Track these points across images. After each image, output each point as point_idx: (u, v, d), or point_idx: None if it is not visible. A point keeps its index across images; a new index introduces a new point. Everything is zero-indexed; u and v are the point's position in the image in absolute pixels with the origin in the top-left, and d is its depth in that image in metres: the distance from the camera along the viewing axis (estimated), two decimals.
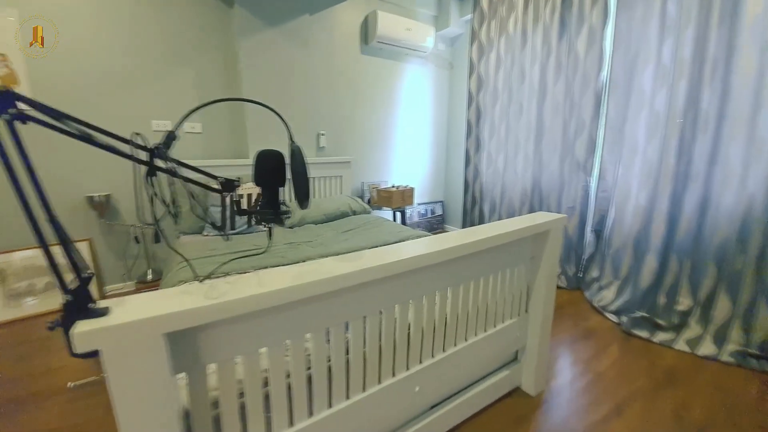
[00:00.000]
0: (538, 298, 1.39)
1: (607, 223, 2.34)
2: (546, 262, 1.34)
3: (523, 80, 2.78)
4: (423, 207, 3.86)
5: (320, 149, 3.06)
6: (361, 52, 3.13)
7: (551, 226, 1.30)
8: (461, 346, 1.20)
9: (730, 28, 1.66)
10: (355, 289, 0.87)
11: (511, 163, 2.94)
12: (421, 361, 1.11)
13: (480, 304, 1.23)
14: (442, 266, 1.05)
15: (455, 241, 1.05)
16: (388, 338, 1.00)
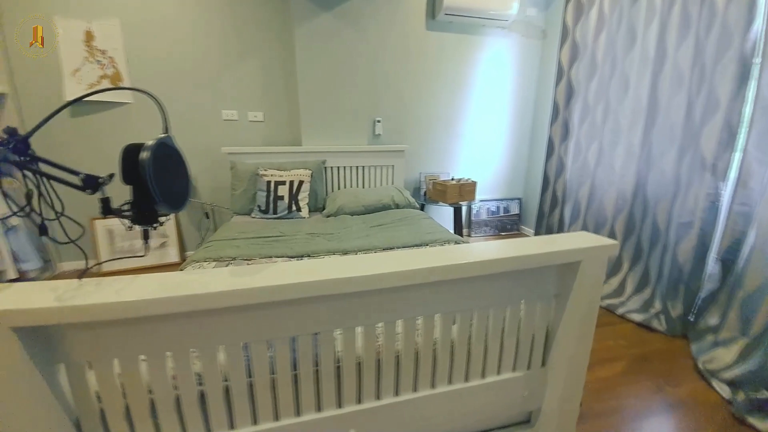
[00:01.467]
0: (563, 351, 1.01)
1: (742, 251, 1.58)
2: (576, 304, 0.95)
3: (633, 45, 2.06)
4: (494, 203, 3.37)
5: (375, 137, 2.93)
6: (427, 28, 2.82)
7: (584, 256, 0.89)
8: (423, 393, 0.95)
9: None
10: (244, 309, 0.74)
11: (607, 155, 2.26)
12: (360, 401, 0.92)
13: (457, 343, 0.94)
14: (403, 290, 0.82)
15: (424, 261, 0.79)
16: (305, 366, 0.84)
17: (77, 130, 2.37)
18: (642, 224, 2.06)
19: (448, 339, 0.93)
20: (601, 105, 2.29)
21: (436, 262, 0.80)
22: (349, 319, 0.82)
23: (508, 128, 3.25)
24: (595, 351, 1.57)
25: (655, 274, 1.95)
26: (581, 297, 0.94)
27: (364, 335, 0.85)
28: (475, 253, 0.86)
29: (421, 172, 3.08)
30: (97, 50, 2.28)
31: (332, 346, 0.83)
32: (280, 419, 0.86)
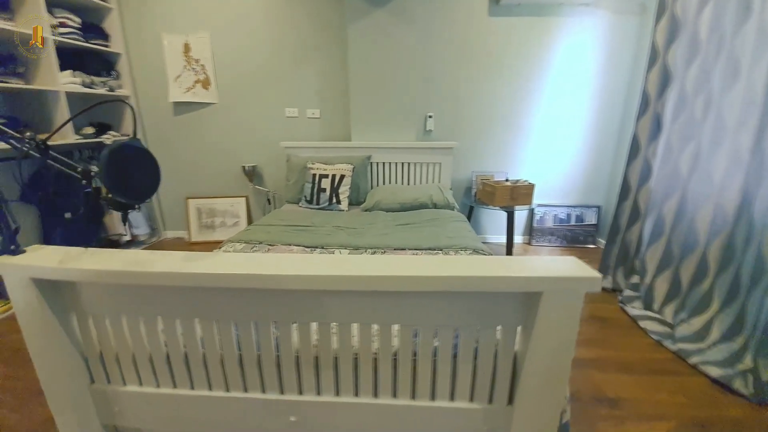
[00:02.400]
0: (529, 390, 0.86)
1: None
2: (541, 339, 0.80)
3: (748, 17, 1.54)
4: (564, 210, 2.95)
5: (426, 133, 2.85)
6: (490, 14, 2.58)
7: (544, 287, 0.74)
8: (364, 400, 0.93)
9: None
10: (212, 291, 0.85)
11: (704, 161, 1.76)
12: (301, 392, 0.95)
13: (400, 357, 0.89)
14: (349, 295, 0.82)
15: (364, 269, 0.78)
16: (248, 349, 0.91)
17: (179, 125, 2.91)
18: (744, 254, 1.56)
19: (389, 349, 0.89)
20: (701, 96, 1.79)
21: (370, 271, 0.77)
22: (299, 313, 0.85)
23: (590, 124, 2.78)
24: (640, 402, 1.31)
25: (752, 321, 1.46)
26: (547, 332, 0.79)
27: (298, 332, 0.88)
28: (425, 267, 0.80)
29: (473, 171, 2.88)
30: (192, 59, 2.74)
31: (283, 334, 0.89)
32: (229, 391, 0.96)
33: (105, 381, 1.01)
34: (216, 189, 3.05)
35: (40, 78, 2.19)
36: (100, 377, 1.00)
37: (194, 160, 3.00)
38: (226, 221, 3.03)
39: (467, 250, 1.62)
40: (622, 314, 1.98)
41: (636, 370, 1.55)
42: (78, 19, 2.39)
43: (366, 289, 0.79)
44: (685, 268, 1.83)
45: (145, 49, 2.74)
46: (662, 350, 1.67)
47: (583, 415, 1.31)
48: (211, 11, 2.66)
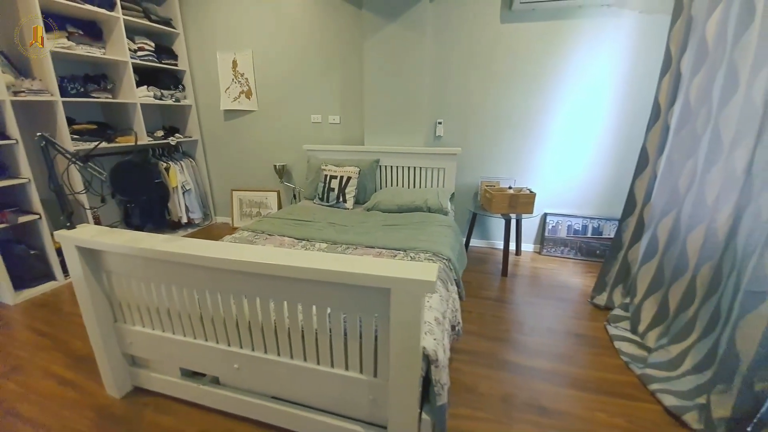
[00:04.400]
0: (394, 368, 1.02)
1: None
2: (394, 330, 0.96)
3: (751, 21, 1.39)
4: (580, 221, 2.82)
5: (436, 138, 2.96)
6: (502, 21, 2.58)
7: (391, 285, 0.91)
8: (283, 359, 1.18)
9: None
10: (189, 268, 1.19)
11: (700, 180, 1.63)
12: (242, 346, 1.24)
13: (305, 330, 1.12)
14: (267, 277, 1.08)
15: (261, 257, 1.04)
16: (205, 309, 1.23)
17: (228, 129, 3.46)
18: (727, 282, 1.44)
19: (297, 322, 1.12)
20: (704, 108, 1.64)
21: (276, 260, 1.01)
22: (244, 288, 1.14)
23: (611, 133, 2.62)
24: (572, 417, 1.40)
25: (722, 354, 1.36)
26: (397, 325, 0.95)
27: (231, 303, 1.17)
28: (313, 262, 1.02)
29: (481, 177, 2.91)
30: (239, 73, 3.24)
31: (234, 304, 1.19)
32: (196, 338, 1.30)
33: (123, 321, 1.42)
34: (255, 183, 3.55)
35: (123, 93, 2.84)
36: (120, 318, 1.42)
37: (239, 158, 3.53)
38: (261, 211, 3.51)
39: (427, 253, 1.76)
40: (604, 333, 1.91)
41: (588, 388, 1.54)
42: (152, 43, 3.01)
43: (277, 275, 1.03)
44: (674, 292, 1.71)
45: (204, 66, 3.31)
46: (627, 373, 1.62)
47: (506, 416, 1.39)
48: (252, 31, 3.11)
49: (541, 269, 2.70)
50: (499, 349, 1.78)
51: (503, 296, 2.32)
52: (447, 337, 1.32)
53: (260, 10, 3.04)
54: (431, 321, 1.17)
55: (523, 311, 2.14)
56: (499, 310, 2.14)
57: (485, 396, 1.49)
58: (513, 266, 2.73)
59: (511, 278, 2.55)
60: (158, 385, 1.47)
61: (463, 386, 1.53)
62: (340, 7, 2.86)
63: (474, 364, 1.67)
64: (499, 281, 2.51)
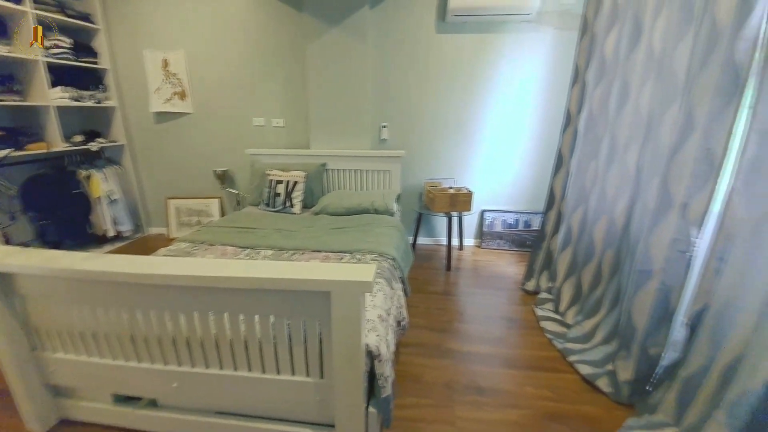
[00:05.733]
0: (338, 368, 1.07)
1: (704, 320, 1.22)
2: (336, 330, 1.01)
3: (637, 42, 1.66)
4: (513, 216, 3.09)
5: (381, 142, 3.05)
6: (437, 32, 2.75)
7: (332, 288, 0.96)
8: (227, 372, 1.17)
9: None
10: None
11: (602, 178, 1.90)
12: (180, 363, 1.20)
13: (249, 339, 1.13)
14: (191, 290, 1.06)
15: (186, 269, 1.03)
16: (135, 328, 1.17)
17: (160, 133, 3.23)
18: (625, 264, 1.70)
19: (239, 333, 1.12)
20: (603, 116, 1.91)
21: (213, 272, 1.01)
22: (171, 304, 1.10)
23: (535, 135, 2.91)
24: (505, 393, 1.51)
25: (622, 325, 1.61)
26: (339, 326, 1.00)
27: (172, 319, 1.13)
28: (245, 270, 1.03)
29: (426, 179, 3.06)
30: (170, 73, 3.04)
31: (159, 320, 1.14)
32: (128, 360, 1.23)
33: (42, 349, 1.29)
34: (193, 190, 3.36)
35: (34, 94, 2.53)
36: (39, 346, 1.29)
37: (174, 164, 3.31)
38: (201, 220, 3.33)
39: (373, 254, 1.83)
40: (532, 315, 2.13)
41: (518, 366, 1.72)
42: (69, 40, 2.72)
43: (214, 287, 1.02)
44: (585, 275, 1.97)
45: (129, 65, 3.06)
46: (551, 349, 1.84)
47: (448, 399, 1.51)
48: (185, 29, 2.94)
49: (481, 261, 2.92)
50: (444, 339, 1.91)
51: (447, 289, 2.47)
52: (392, 332, 1.40)
53: (193, 8, 2.89)
54: (374, 318, 1.24)
55: (464, 302, 2.31)
56: (444, 302, 2.29)
57: (430, 384, 1.60)
58: (456, 261, 2.92)
59: (455, 272, 2.73)
60: (88, 415, 1.36)
61: (410, 377, 1.63)
62: (280, 9, 2.83)
63: (420, 356, 1.78)
64: (444, 275, 2.67)
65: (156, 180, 3.36)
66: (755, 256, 1.08)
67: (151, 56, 3.01)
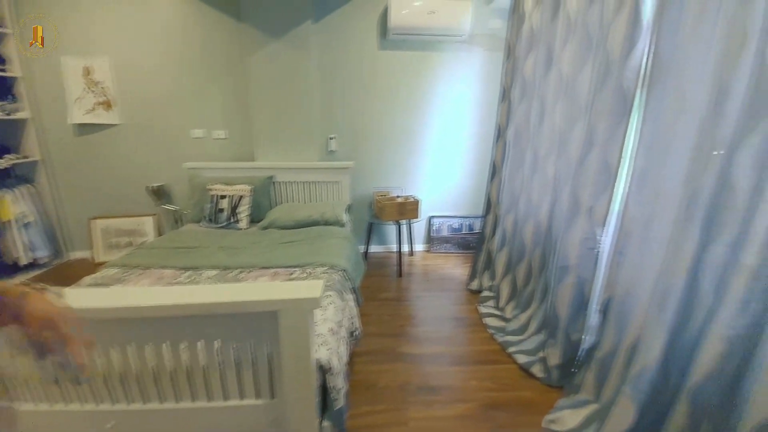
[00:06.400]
0: (289, 386, 1.08)
1: (611, 306, 1.43)
2: (286, 348, 1.03)
3: (550, 67, 1.90)
4: (458, 221, 3.30)
5: (330, 153, 3.08)
6: (380, 48, 2.87)
7: (279, 307, 0.98)
8: (169, 405, 1.12)
9: None
10: None
11: (528, 185, 2.12)
12: (114, 402, 1.12)
13: (193, 371, 1.09)
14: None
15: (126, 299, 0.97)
16: None
17: (82, 146, 2.94)
18: (549, 261, 1.91)
19: (181, 363, 1.08)
20: (526, 131, 2.15)
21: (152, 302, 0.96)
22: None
23: (472, 145, 3.15)
24: (454, 389, 1.59)
25: (549, 316, 1.81)
26: (288, 344, 1.02)
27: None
28: (187, 296, 1.00)
29: (374, 188, 3.15)
30: (93, 82, 2.79)
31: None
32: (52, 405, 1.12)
33: None
34: (124, 208, 3.09)
35: None
36: None
37: (99, 181, 3.02)
38: (133, 241, 3.07)
39: (324, 266, 1.85)
40: (476, 313, 2.30)
41: (464, 362, 1.85)
42: None
43: (149, 316, 0.98)
44: (519, 272, 2.18)
45: (44, 73, 2.75)
46: (492, 343, 2.00)
47: (402, 402, 1.58)
48: (111, 37, 2.73)
49: (430, 266, 3.06)
50: (396, 344, 1.98)
51: (399, 295, 2.57)
52: (344, 343, 1.44)
53: (118, 13, 2.69)
54: (325, 332, 1.27)
55: (415, 306, 2.42)
56: (396, 308, 2.37)
57: (384, 389, 1.66)
58: (407, 266, 3.03)
59: (406, 278, 2.84)
60: None
61: (364, 385, 1.67)
62: (217, 18, 2.75)
63: (374, 363, 1.83)
64: (396, 282, 2.76)
65: (79, 199, 3.03)
66: (645, 250, 1.30)
67: (71, 63, 2.74)
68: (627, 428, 1.21)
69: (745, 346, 0.95)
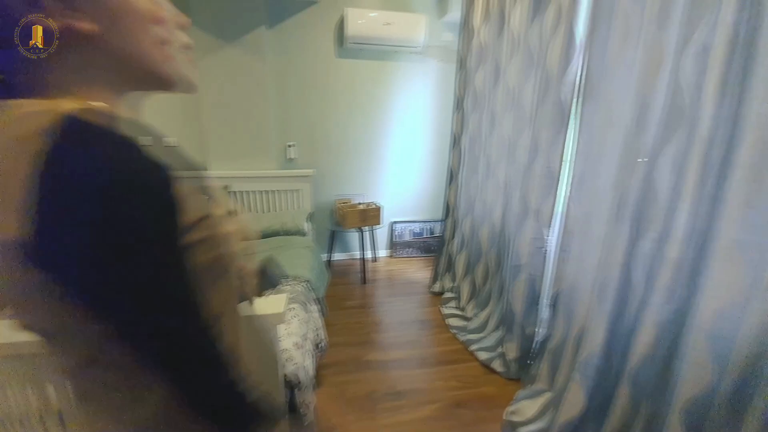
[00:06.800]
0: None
1: (559, 299, 1.55)
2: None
3: (498, 80, 2.03)
4: (419, 225, 3.38)
5: (289, 161, 3.02)
6: (337, 56, 2.88)
7: None
8: None
9: None
10: None
11: (482, 190, 2.24)
12: None
13: None
14: None
15: None
16: None
17: None
18: (504, 261, 2.03)
19: None
20: (479, 139, 2.27)
21: None
22: None
23: (430, 152, 3.25)
24: (420, 391, 1.60)
25: (506, 312, 1.92)
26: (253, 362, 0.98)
27: None
28: None
29: (337, 196, 3.13)
30: None
31: None
32: None
33: None
34: None
35: None
36: None
37: None
38: None
39: (286, 278, 1.80)
40: (439, 314, 2.37)
41: (429, 364, 1.90)
42: None
43: None
44: (477, 272, 2.28)
45: None
46: (455, 342, 2.07)
47: (371, 410, 1.58)
48: None
49: (394, 271, 3.10)
50: (363, 352, 1.98)
51: (364, 302, 2.57)
52: (310, 357, 1.41)
53: None
54: (290, 347, 1.24)
55: (380, 312, 2.43)
56: (361, 316, 2.37)
57: (352, 399, 1.64)
58: (371, 273, 3.04)
59: (370, 284, 2.84)
60: None
61: (333, 396, 1.65)
62: None
63: (342, 373, 1.81)
64: (360, 289, 2.76)
65: None
66: (586, 247, 1.43)
67: None
68: (578, 413, 1.31)
69: (673, 330, 1.08)
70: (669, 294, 1.08)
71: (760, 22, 0.82)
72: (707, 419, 0.94)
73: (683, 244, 1.04)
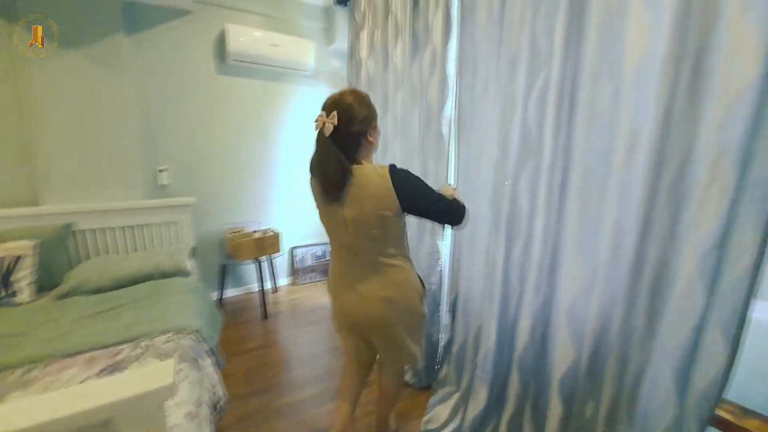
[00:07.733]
0: None
1: (457, 305, 1.73)
2: None
3: (387, 109, 2.20)
4: (321, 248, 3.31)
5: (160, 188, 2.59)
6: (218, 72, 2.65)
7: (113, 413, 0.73)
8: None
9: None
10: None
11: None
12: None
13: None
14: None
15: None
16: None
17: None
18: None
19: None
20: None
21: None
22: None
23: None
24: None
25: None
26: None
27: None
28: None
29: (225, 225, 2.82)
30: None
31: None
32: None
33: None
34: None
35: None
36: None
37: None
38: None
39: (167, 333, 1.51)
40: None
41: None
42: None
43: None
44: None
45: None
46: None
47: None
48: None
49: (297, 299, 2.94)
50: (270, 399, 1.79)
51: (267, 340, 2.34)
52: (206, 424, 1.20)
53: None
54: (182, 421, 1.03)
55: (287, 348, 2.26)
56: (265, 357, 2.16)
57: None
58: (272, 305, 2.82)
59: (272, 318, 2.62)
60: None
61: None
62: None
63: (248, 429, 1.60)
64: (261, 325, 2.52)
65: None
66: (473, 257, 1.63)
67: None
68: (482, 407, 1.46)
69: (544, 317, 1.32)
70: (537, 289, 1.32)
71: (578, 75, 1.11)
72: (576, 388, 1.17)
73: (542, 248, 1.29)
